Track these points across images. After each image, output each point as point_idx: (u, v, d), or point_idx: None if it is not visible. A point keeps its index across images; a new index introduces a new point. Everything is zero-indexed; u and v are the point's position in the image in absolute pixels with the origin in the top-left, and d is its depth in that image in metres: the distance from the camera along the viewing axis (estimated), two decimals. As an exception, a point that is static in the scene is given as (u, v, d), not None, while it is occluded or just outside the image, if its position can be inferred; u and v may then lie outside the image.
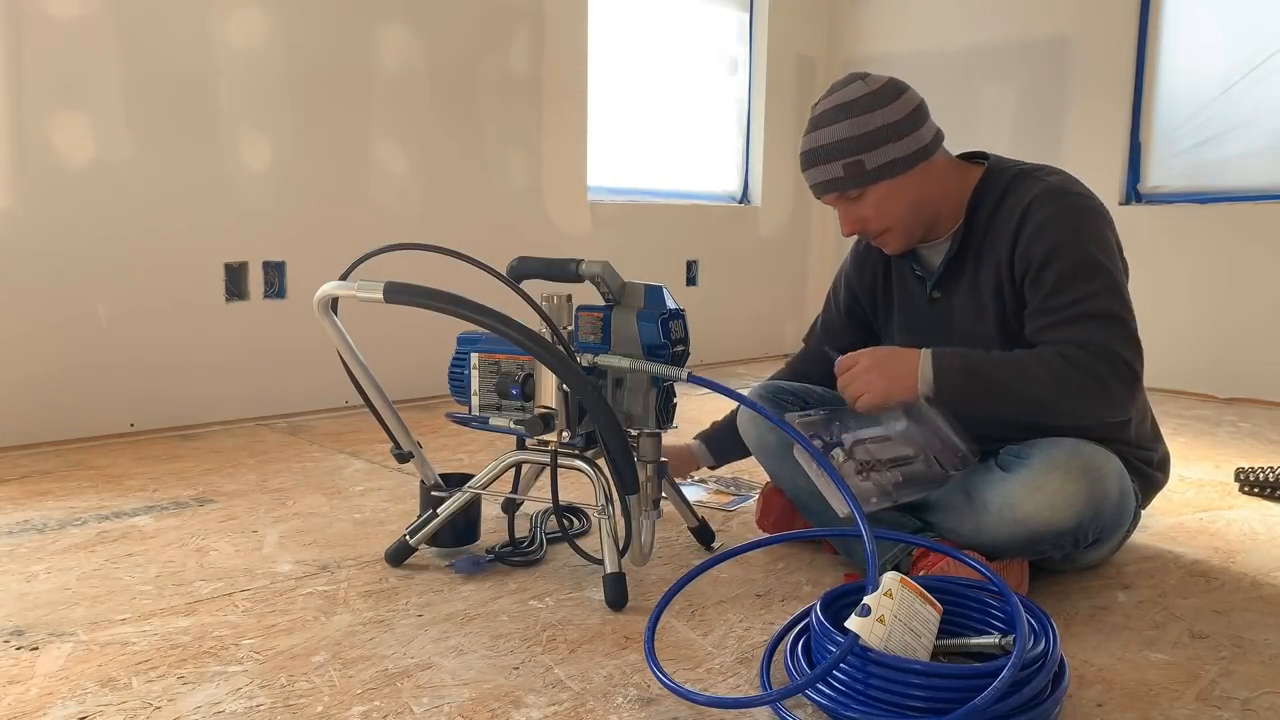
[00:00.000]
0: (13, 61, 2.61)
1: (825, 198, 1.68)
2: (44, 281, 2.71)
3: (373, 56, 3.28)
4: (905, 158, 1.61)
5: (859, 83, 1.63)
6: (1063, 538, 1.55)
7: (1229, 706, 1.29)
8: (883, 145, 1.59)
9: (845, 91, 1.63)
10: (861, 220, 1.67)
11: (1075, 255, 1.56)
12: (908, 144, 1.61)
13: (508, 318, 1.43)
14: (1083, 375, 1.50)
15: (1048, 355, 1.52)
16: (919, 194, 1.64)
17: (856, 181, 1.62)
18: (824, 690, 1.23)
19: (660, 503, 1.67)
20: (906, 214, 1.65)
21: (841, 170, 1.61)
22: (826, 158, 1.62)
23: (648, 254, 4.22)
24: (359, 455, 2.66)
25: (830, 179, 1.63)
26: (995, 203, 1.65)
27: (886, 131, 1.59)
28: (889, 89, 1.62)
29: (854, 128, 1.60)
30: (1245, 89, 3.65)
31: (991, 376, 1.53)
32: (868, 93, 1.61)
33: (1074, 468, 1.53)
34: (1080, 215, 1.59)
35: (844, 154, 1.60)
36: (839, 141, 1.61)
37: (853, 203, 1.65)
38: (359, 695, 1.28)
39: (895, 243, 1.70)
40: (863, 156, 1.60)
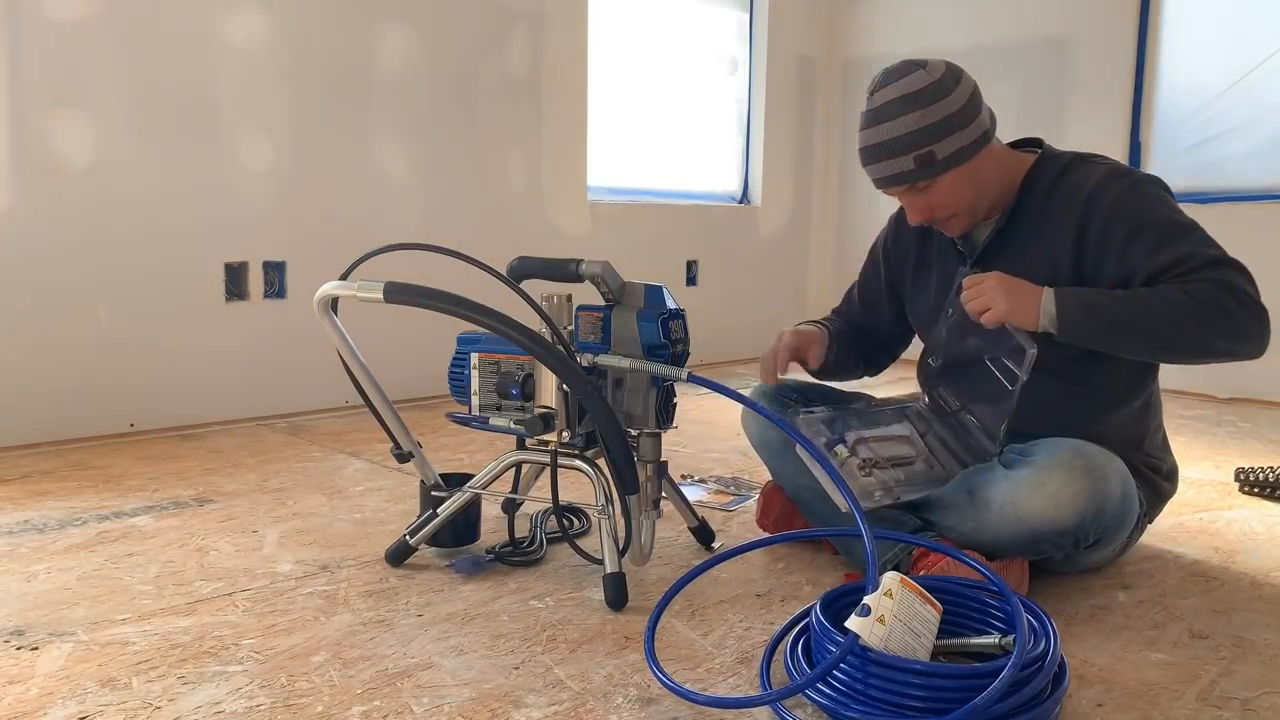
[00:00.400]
0: (13, 61, 2.61)
1: (891, 191, 1.66)
2: (44, 281, 2.71)
3: (373, 56, 3.28)
4: (971, 144, 1.60)
5: (921, 72, 1.58)
6: (1064, 537, 1.55)
7: (1229, 706, 1.29)
8: (952, 134, 1.57)
9: (908, 81, 1.58)
10: (930, 209, 1.65)
11: (1161, 224, 1.57)
12: (972, 131, 1.60)
13: (508, 318, 1.43)
14: (1205, 305, 1.48)
15: (1168, 290, 1.51)
16: (983, 177, 1.64)
17: (927, 173, 1.59)
18: (824, 690, 1.23)
19: (660, 503, 1.67)
20: (972, 198, 1.65)
21: (913, 163, 1.58)
22: (896, 151, 1.58)
23: (648, 254, 4.22)
24: (359, 455, 2.66)
25: (900, 172, 1.60)
26: (1050, 185, 1.66)
27: (953, 120, 1.57)
28: (949, 76, 1.59)
29: (923, 119, 1.56)
30: (1245, 89, 3.65)
31: (1113, 310, 1.52)
32: (932, 82, 1.57)
33: (1078, 466, 1.53)
34: (1149, 189, 1.62)
35: (914, 146, 1.57)
36: (908, 134, 1.57)
37: (920, 193, 1.63)
38: (359, 695, 1.28)
39: (960, 225, 1.70)
40: (933, 147, 1.57)
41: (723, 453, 2.75)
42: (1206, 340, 1.52)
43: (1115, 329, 1.52)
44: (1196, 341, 1.52)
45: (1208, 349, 1.54)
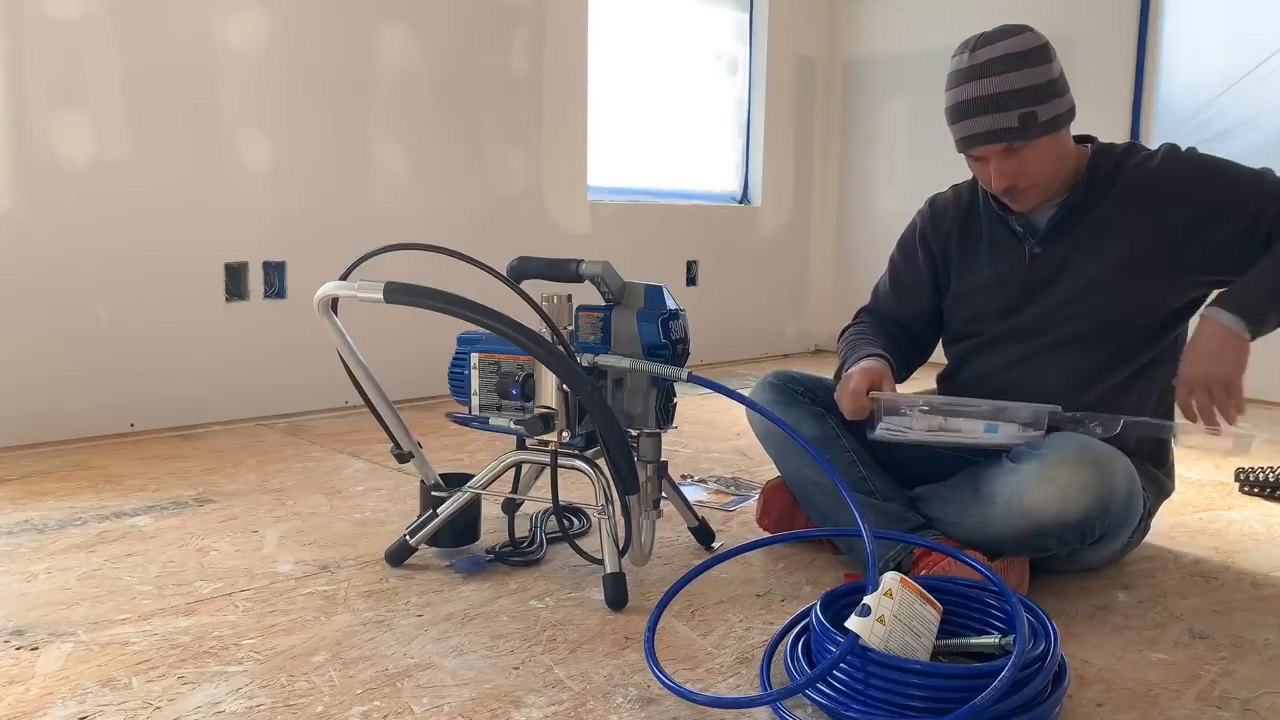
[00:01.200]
0: (13, 61, 2.61)
1: (982, 150, 1.62)
2: (44, 281, 2.71)
3: (373, 56, 3.28)
4: (1066, 113, 1.61)
5: (1030, 33, 1.58)
6: (1069, 531, 1.54)
7: (1229, 706, 1.29)
8: (1054, 99, 1.58)
9: (1017, 40, 1.57)
10: (1016, 175, 1.62)
11: (1244, 176, 1.62)
12: (1067, 100, 1.61)
13: (508, 318, 1.43)
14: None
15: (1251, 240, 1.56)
16: (1065, 152, 1.65)
17: (1027, 133, 1.57)
18: (824, 690, 1.23)
19: (660, 503, 1.67)
20: (1055, 170, 1.65)
21: (1017, 120, 1.56)
22: (1002, 106, 1.56)
23: (648, 254, 4.22)
24: (359, 455, 2.66)
25: (1003, 128, 1.57)
26: (1110, 171, 1.67)
27: (1054, 85, 1.58)
28: (1049, 45, 1.60)
29: (1030, 77, 1.56)
30: (1245, 89, 3.65)
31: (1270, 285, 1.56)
32: (1040, 44, 1.58)
33: (1085, 461, 1.53)
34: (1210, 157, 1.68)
35: (1021, 103, 1.56)
36: (1016, 90, 1.55)
37: (1011, 155, 1.60)
38: (359, 695, 1.28)
39: (1035, 198, 1.68)
40: (1037, 108, 1.56)
41: (723, 453, 2.75)
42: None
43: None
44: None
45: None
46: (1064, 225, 1.70)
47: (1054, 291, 1.70)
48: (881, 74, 4.63)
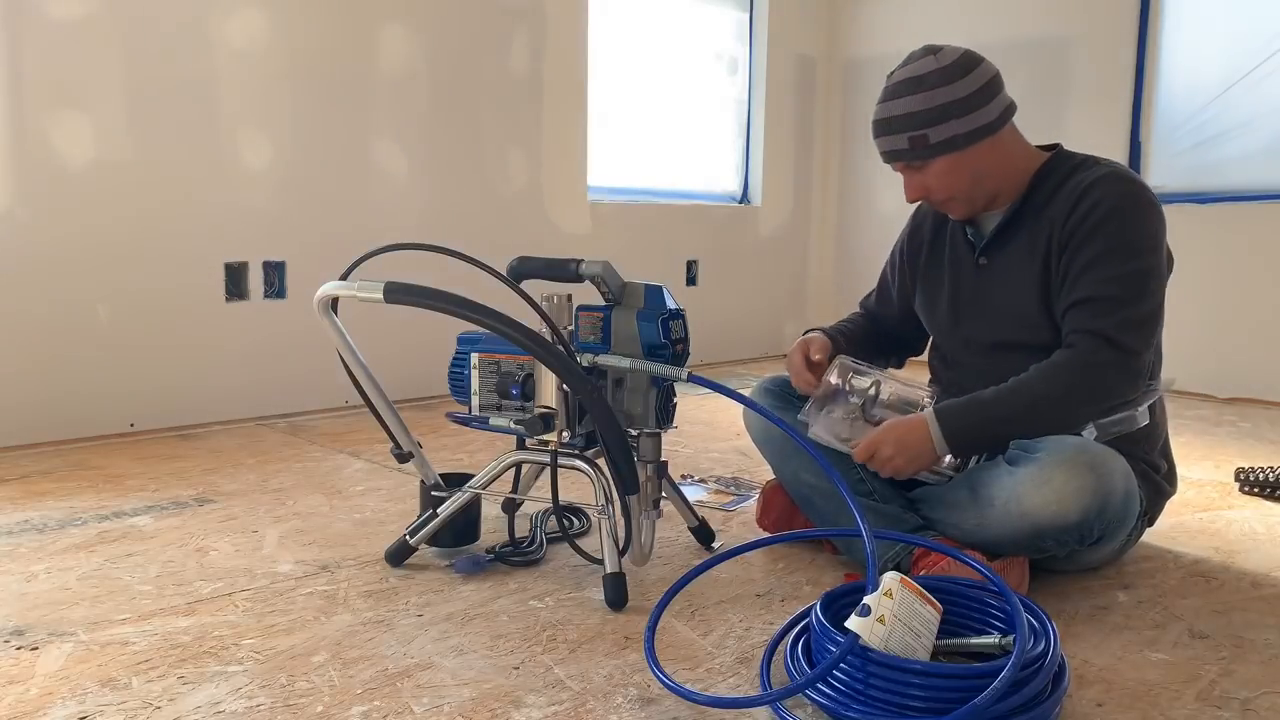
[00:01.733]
0: (13, 61, 2.61)
1: (891, 166, 1.73)
2: (44, 281, 2.71)
3: (373, 56, 3.28)
4: (967, 134, 1.64)
5: (931, 57, 1.65)
6: (1067, 533, 1.55)
7: (1229, 706, 1.29)
8: (946, 121, 1.63)
9: (917, 65, 1.65)
10: (924, 189, 1.71)
11: (1119, 236, 1.62)
12: (971, 120, 1.64)
13: (508, 318, 1.43)
14: (1083, 378, 1.59)
15: (1044, 370, 1.61)
16: (981, 168, 1.68)
17: (920, 154, 1.66)
18: (824, 690, 1.23)
19: (660, 503, 1.67)
20: (968, 186, 1.69)
21: (906, 143, 1.65)
22: (893, 129, 1.66)
23: (648, 254, 4.22)
24: (359, 455, 2.66)
25: (895, 149, 1.68)
26: (1059, 181, 1.70)
27: (951, 108, 1.62)
28: (958, 66, 1.63)
29: (921, 103, 1.63)
30: (1245, 89, 3.65)
31: (994, 416, 1.62)
32: (937, 69, 1.63)
33: (1081, 463, 1.53)
34: (1136, 203, 1.65)
35: (909, 127, 1.64)
36: (906, 115, 1.64)
37: (917, 172, 1.69)
38: (359, 695, 1.28)
39: (958, 210, 1.75)
40: (927, 131, 1.63)
41: (723, 453, 2.75)
42: (1090, 410, 1.62)
43: (1002, 431, 1.62)
44: (1081, 414, 1.62)
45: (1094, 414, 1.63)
46: (1004, 236, 1.74)
47: (992, 302, 1.75)
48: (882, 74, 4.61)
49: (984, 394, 1.63)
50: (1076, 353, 1.60)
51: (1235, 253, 3.67)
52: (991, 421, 1.62)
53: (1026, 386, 1.60)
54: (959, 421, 1.61)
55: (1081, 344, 1.59)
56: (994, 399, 1.62)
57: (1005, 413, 1.61)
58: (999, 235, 1.74)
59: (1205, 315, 3.74)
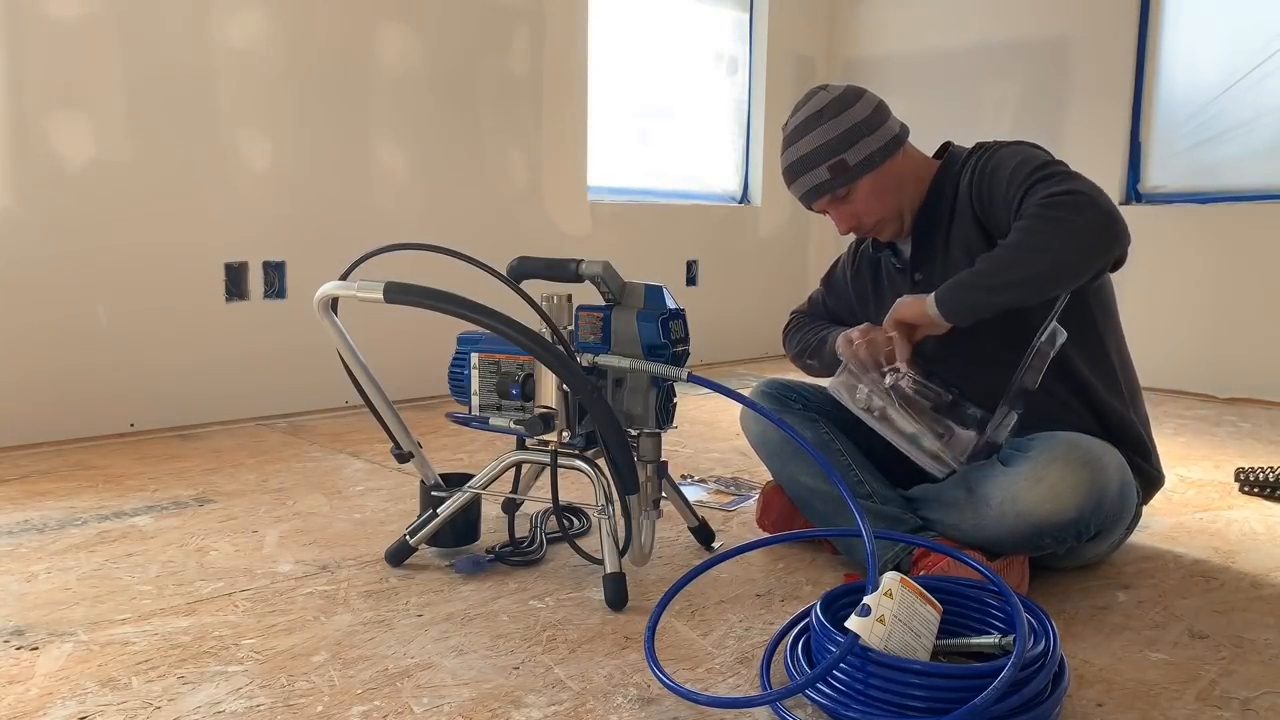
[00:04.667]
0: (13, 61, 2.61)
1: (816, 204, 1.74)
2: (44, 281, 2.71)
3: (373, 56, 3.28)
4: (880, 148, 1.68)
5: (821, 93, 1.72)
6: (1065, 530, 1.55)
7: (1229, 706, 1.29)
8: (859, 141, 1.67)
9: (811, 104, 1.71)
10: (855, 216, 1.72)
11: (1016, 156, 1.61)
12: (880, 135, 1.68)
13: (508, 318, 1.43)
14: (1042, 217, 1.48)
15: (1020, 225, 1.52)
16: (901, 180, 1.71)
17: (842, 180, 1.68)
18: (824, 690, 1.23)
19: (660, 503, 1.67)
20: (894, 202, 1.71)
21: (827, 173, 1.68)
22: (810, 165, 1.69)
23: (648, 254, 4.22)
24: (359, 455, 2.66)
25: (818, 183, 1.69)
26: (955, 178, 1.70)
27: (859, 128, 1.67)
28: (849, 93, 1.70)
29: (828, 131, 1.67)
30: (1245, 89, 3.65)
31: (983, 273, 1.53)
32: (832, 99, 1.70)
33: (1075, 459, 1.53)
34: (1017, 143, 1.67)
35: (825, 157, 1.67)
36: (818, 147, 1.68)
37: (843, 202, 1.71)
38: (359, 695, 1.28)
39: (889, 229, 1.75)
40: (844, 155, 1.66)
41: (723, 453, 2.75)
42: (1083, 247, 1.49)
43: (994, 285, 1.52)
44: (1073, 252, 1.49)
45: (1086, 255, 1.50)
46: (925, 247, 1.74)
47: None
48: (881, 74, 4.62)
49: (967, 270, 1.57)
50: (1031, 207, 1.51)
51: (1235, 252, 3.67)
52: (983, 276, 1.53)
53: (1011, 241, 1.52)
54: (949, 283, 1.56)
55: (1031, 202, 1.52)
56: (982, 261, 1.54)
57: (993, 266, 1.52)
58: (920, 246, 1.74)
59: (1205, 315, 3.74)
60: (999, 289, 1.52)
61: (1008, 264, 1.51)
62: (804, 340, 1.96)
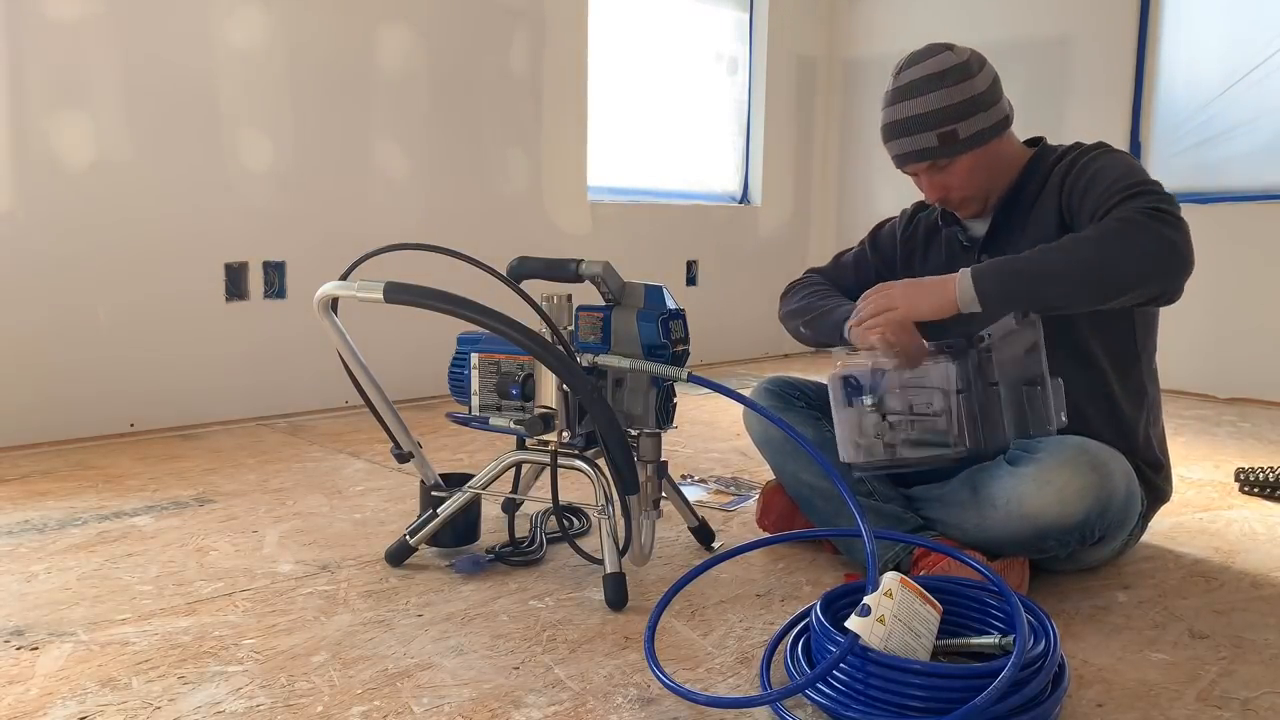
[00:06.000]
0: (13, 61, 2.61)
1: (910, 167, 1.68)
2: (44, 281, 2.71)
3: (373, 57, 3.28)
4: (992, 127, 1.63)
5: (948, 53, 1.63)
6: (1069, 534, 1.55)
7: (1229, 706, 1.29)
8: (974, 115, 1.62)
9: (935, 61, 1.62)
10: (946, 187, 1.68)
11: (1119, 166, 1.58)
12: (993, 114, 1.64)
13: (508, 318, 1.43)
14: (1121, 226, 1.44)
15: (1090, 228, 1.48)
16: (999, 163, 1.67)
17: (949, 150, 1.62)
18: (824, 690, 1.23)
19: (660, 503, 1.67)
20: (986, 182, 1.68)
21: (936, 140, 1.62)
22: (920, 127, 1.62)
23: (648, 254, 4.22)
24: (359, 455, 2.66)
25: (923, 148, 1.63)
26: (1045, 175, 1.68)
27: (977, 101, 1.62)
28: (975, 60, 1.64)
29: (948, 97, 1.60)
30: (1245, 89, 3.65)
31: (1030, 263, 1.48)
32: (958, 63, 1.62)
33: (1082, 463, 1.53)
34: (1120, 152, 1.65)
35: (939, 123, 1.61)
36: (933, 111, 1.61)
37: (940, 171, 1.66)
38: (359, 695, 1.28)
39: (973, 207, 1.72)
40: (956, 126, 1.61)
41: (723, 453, 2.75)
42: (1133, 264, 1.45)
43: (1036, 279, 1.47)
44: (1124, 268, 1.45)
45: (1139, 274, 1.46)
46: (1001, 232, 1.72)
47: None
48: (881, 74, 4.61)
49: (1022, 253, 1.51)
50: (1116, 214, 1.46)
51: (1236, 252, 3.67)
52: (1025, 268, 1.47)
53: (1065, 241, 1.48)
54: (993, 264, 1.50)
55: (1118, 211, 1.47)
56: (1030, 253, 1.49)
57: (1041, 261, 1.47)
58: (995, 230, 1.72)
59: (1206, 315, 3.74)
60: (1037, 279, 1.46)
61: (1056, 259, 1.46)
62: (810, 302, 1.84)
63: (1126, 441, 1.68)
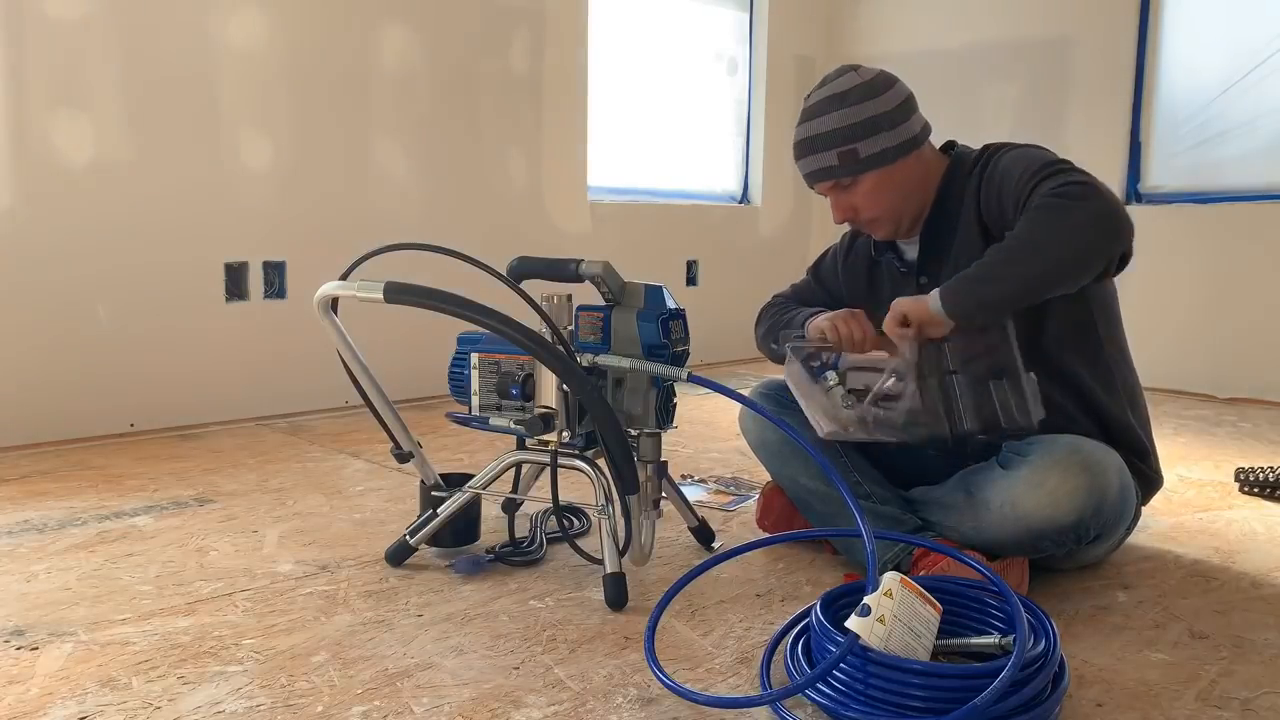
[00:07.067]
0: (13, 61, 2.61)
1: (818, 186, 1.71)
2: (44, 281, 2.71)
3: (373, 56, 3.28)
4: (896, 147, 1.64)
5: (851, 74, 1.66)
6: (1064, 534, 1.55)
7: (1229, 706, 1.29)
8: (875, 134, 1.63)
9: (838, 82, 1.65)
10: (853, 208, 1.70)
11: (1021, 159, 1.58)
12: (899, 133, 1.64)
13: (508, 318, 1.43)
14: (1045, 213, 1.46)
15: (1024, 219, 1.49)
16: (908, 183, 1.67)
17: (850, 170, 1.64)
18: (824, 690, 1.23)
19: (660, 503, 1.67)
20: (897, 202, 1.68)
21: (836, 159, 1.64)
22: (821, 146, 1.65)
23: (648, 254, 4.21)
24: (359, 455, 2.66)
25: (824, 167, 1.66)
26: (963, 182, 1.68)
27: (879, 121, 1.63)
28: (880, 80, 1.65)
29: (847, 117, 1.62)
30: (1245, 89, 3.65)
31: (988, 265, 1.49)
32: (860, 83, 1.64)
33: (1074, 464, 1.53)
34: (1022, 145, 1.65)
35: (838, 143, 1.63)
36: (833, 130, 1.63)
37: (845, 191, 1.68)
38: (359, 695, 1.28)
39: (884, 229, 1.73)
40: (856, 145, 1.63)
41: (723, 453, 2.75)
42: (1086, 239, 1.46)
43: (1002, 278, 1.48)
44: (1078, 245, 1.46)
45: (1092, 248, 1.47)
46: (931, 252, 1.71)
47: None
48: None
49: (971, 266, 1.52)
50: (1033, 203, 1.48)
51: (1235, 252, 3.67)
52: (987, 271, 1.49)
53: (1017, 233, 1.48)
54: (953, 281, 1.51)
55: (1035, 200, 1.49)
56: (987, 255, 1.50)
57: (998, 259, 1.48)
58: (927, 251, 1.72)
59: (1205, 315, 3.74)
60: (1002, 280, 1.48)
61: (1011, 256, 1.48)
62: (776, 319, 1.96)
63: (1107, 431, 1.68)
